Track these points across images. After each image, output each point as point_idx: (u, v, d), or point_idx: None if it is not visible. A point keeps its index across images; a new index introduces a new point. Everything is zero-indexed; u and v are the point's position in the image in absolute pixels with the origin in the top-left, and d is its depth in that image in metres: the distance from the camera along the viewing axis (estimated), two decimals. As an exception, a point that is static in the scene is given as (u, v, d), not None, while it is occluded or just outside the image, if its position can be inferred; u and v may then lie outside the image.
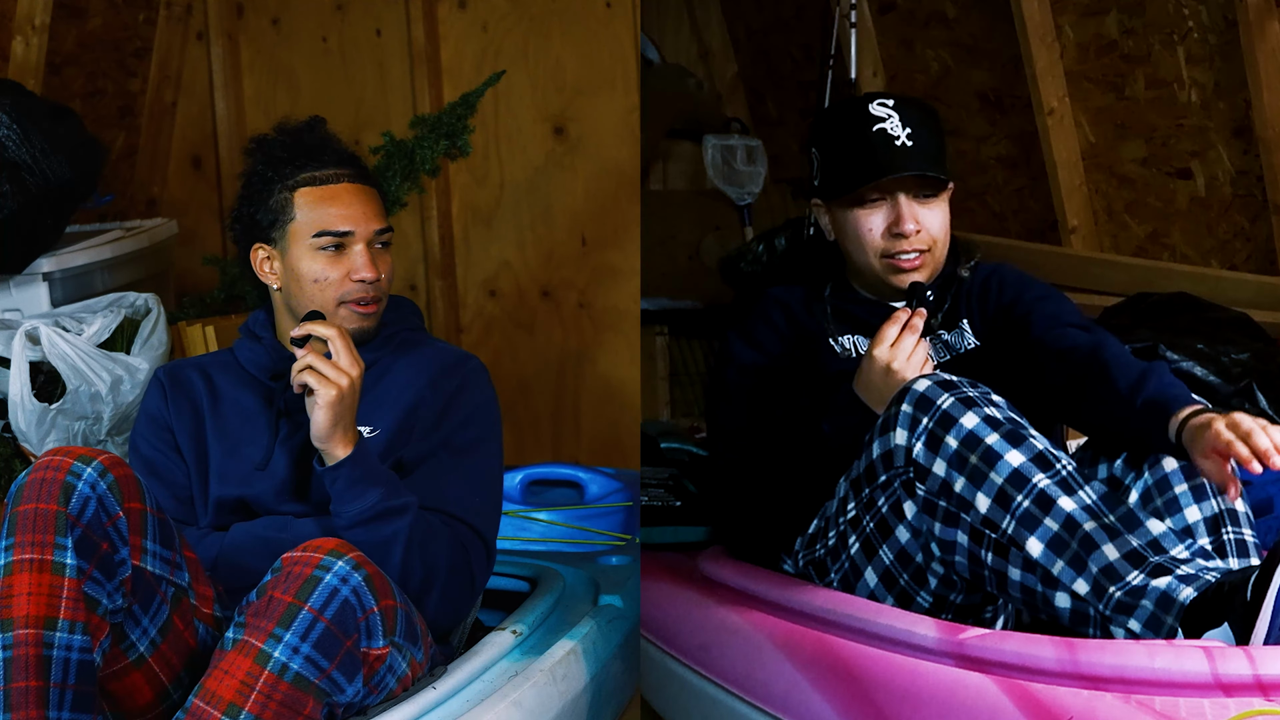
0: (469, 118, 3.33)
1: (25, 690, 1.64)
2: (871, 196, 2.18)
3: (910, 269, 2.18)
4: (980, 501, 1.89)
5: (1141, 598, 1.79)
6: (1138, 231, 3.77)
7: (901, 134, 2.15)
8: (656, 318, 4.06)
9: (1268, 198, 3.35)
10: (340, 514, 1.97)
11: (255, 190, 2.12)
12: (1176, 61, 3.48)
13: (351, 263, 2.08)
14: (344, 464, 1.96)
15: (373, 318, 2.11)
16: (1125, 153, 3.72)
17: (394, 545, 1.94)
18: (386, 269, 2.12)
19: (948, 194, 2.22)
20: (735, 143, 4.30)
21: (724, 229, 4.33)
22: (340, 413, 1.96)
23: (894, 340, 2.08)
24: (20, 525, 1.70)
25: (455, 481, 2.05)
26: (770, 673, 2.03)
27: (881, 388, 2.07)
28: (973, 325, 2.27)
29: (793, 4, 4.52)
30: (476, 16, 3.76)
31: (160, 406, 2.14)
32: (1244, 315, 3.13)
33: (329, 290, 2.07)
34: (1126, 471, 2.02)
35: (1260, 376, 2.95)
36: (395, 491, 1.97)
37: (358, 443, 1.98)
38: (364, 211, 2.09)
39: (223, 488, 2.08)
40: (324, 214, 2.08)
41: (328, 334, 1.99)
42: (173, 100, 3.96)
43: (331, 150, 2.13)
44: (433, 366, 2.14)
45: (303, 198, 2.09)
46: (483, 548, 2.06)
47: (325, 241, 2.07)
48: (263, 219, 2.10)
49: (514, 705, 1.94)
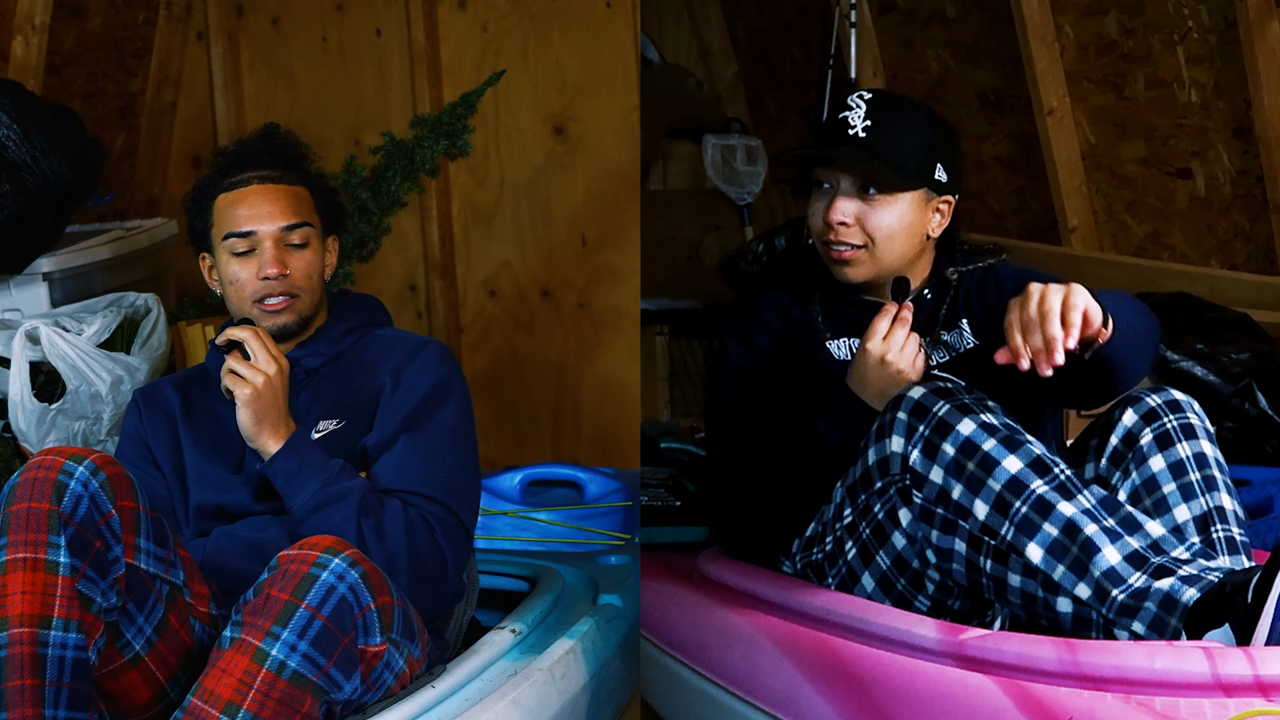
0: (469, 118, 3.33)
1: (21, 689, 1.64)
2: (821, 182, 2.18)
3: (840, 261, 2.18)
4: (978, 508, 1.88)
5: (1145, 600, 1.78)
6: (1138, 231, 3.77)
7: (859, 125, 2.14)
8: (656, 318, 4.06)
9: (1268, 198, 3.35)
10: (290, 509, 1.99)
11: (195, 201, 2.18)
12: (1176, 61, 3.48)
13: (260, 261, 2.10)
14: (277, 458, 2.00)
15: (285, 313, 2.12)
16: (1125, 153, 3.72)
17: (345, 531, 1.94)
18: (302, 265, 2.13)
19: (914, 196, 2.16)
20: (735, 143, 4.30)
21: (724, 229, 4.33)
22: (262, 409, 2.00)
23: (885, 333, 2.08)
24: (13, 525, 1.70)
25: (415, 460, 2.04)
26: (770, 673, 2.03)
27: (876, 381, 2.07)
28: (972, 325, 2.26)
29: (793, 4, 4.53)
30: (476, 16, 3.76)
31: (136, 425, 2.19)
32: (1244, 315, 3.13)
33: (244, 291, 2.11)
34: (1112, 471, 2.02)
35: (1260, 376, 2.95)
36: (335, 478, 1.98)
37: (291, 436, 2.01)
38: (269, 210, 2.12)
39: (201, 494, 2.10)
40: (231, 216, 2.12)
41: (242, 336, 2.05)
42: (173, 100, 3.96)
43: (264, 155, 2.17)
44: (391, 355, 2.15)
45: (219, 203, 2.14)
46: (453, 523, 2.03)
47: (233, 243, 2.11)
48: (199, 228, 2.17)
49: (513, 704, 1.94)
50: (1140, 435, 2.00)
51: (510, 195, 3.79)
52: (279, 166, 2.17)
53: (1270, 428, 2.92)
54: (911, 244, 2.19)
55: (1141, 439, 2.00)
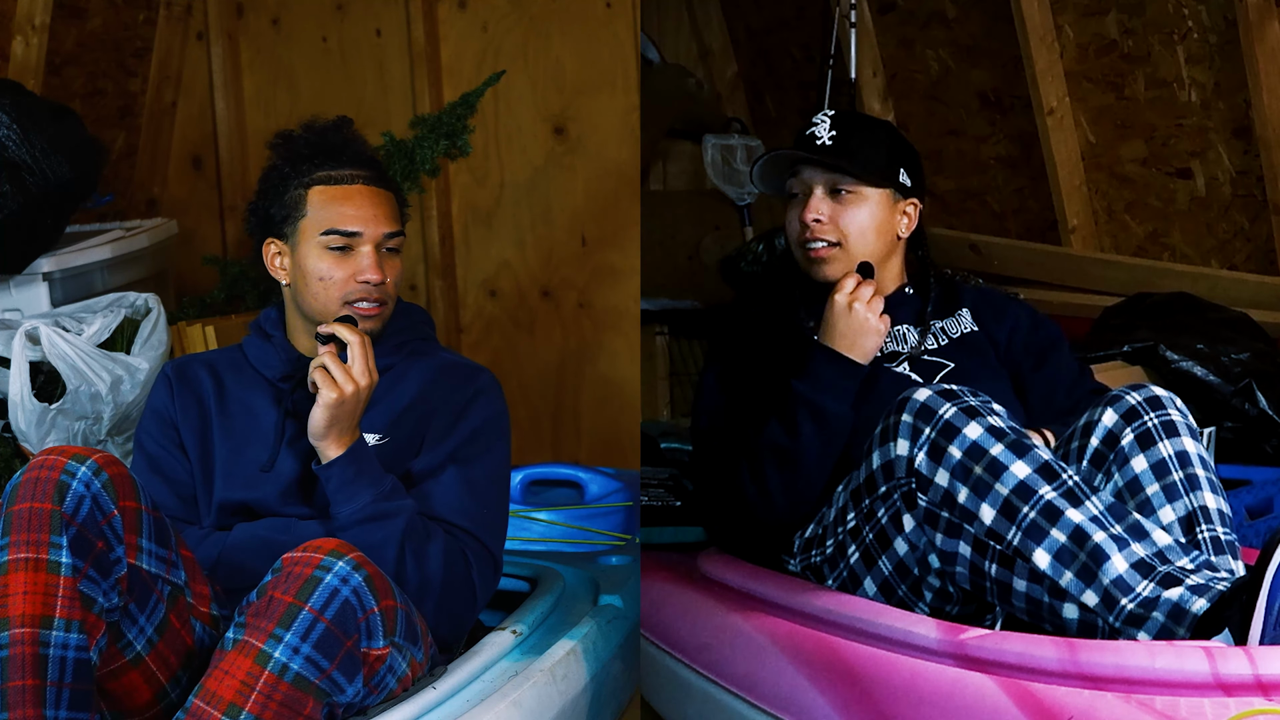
0: (469, 118, 3.33)
1: (22, 689, 1.64)
2: (794, 192, 2.30)
3: (818, 259, 2.26)
4: (985, 513, 1.88)
5: (1153, 609, 1.78)
6: (1138, 231, 3.77)
7: (825, 136, 2.27)
8: (656, 317, 4.06)
9: (1268, 198, 3.35)
10: (336, 515, 1.98)
11: (273, 185, 2.12)
12: (1176, 61, 3.48)
13: (357, 264, 2.07)
14: (336, 463, 1.97)
15: (375, 320, 2.10)
16: (1125, 153, 3.72)
17: (387, 548, 1.94)
18: (394, 273, 2.11)
19: (881, 195, 2.27)
20: (735, 143, 4.30)
21: (724, 229, 4.33)
22: (338, 415, 1.97)
23: (852, 289, 2.18)
24: (15, 525, 1.70)
25: (461, 493, 2.05)
26: (771, 673, 2.03)
27: (845, 330, 2.17)
28: (975, 316, 2.33)
29: (793, 4, 4.52)
30: (476, 16, 3.76)
31: (166, 403, 2.14)
32: (1244, 315, 3.13)
33: (333, 289, 2.07)
34: (1094, 473, 2.01)
35: (1260, 376, 2.95)
36: (389, 495, 1.98)
37: (354, 444, 1.99)
38: (375, 214, 2.09)
39: (227, 490, 2.08)
40: (334, 213, 2.08)
41: (350, 339, 2.01)
42: (173, 100, 3.96)
43: (352, 151, 2.14)
44: (445, 378, 2.14)
45: (316, 195, 2.09)
46: (488, 559, 2.06)
47: (333, 240, 2.07)
48: (276, 214, 2.11)
49: (514, 705, 1.94)
50: (1121, 435, 1.99)
51: (510, 195, 3.79)
52: (375, 168, 2.14)
53: (1270, 428, 2.92)
54: (882, 242, 2.28)
55: (1123, 439, 1.99)
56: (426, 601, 1.96)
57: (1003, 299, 2.42)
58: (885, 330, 2.19)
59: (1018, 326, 2.34)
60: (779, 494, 2.16)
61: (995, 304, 2.38)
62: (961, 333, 2.32)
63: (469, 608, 2.05)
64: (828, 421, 2.13)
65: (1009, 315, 2.36)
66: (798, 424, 2.14)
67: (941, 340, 2.31)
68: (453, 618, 2.02)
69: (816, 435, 2.13)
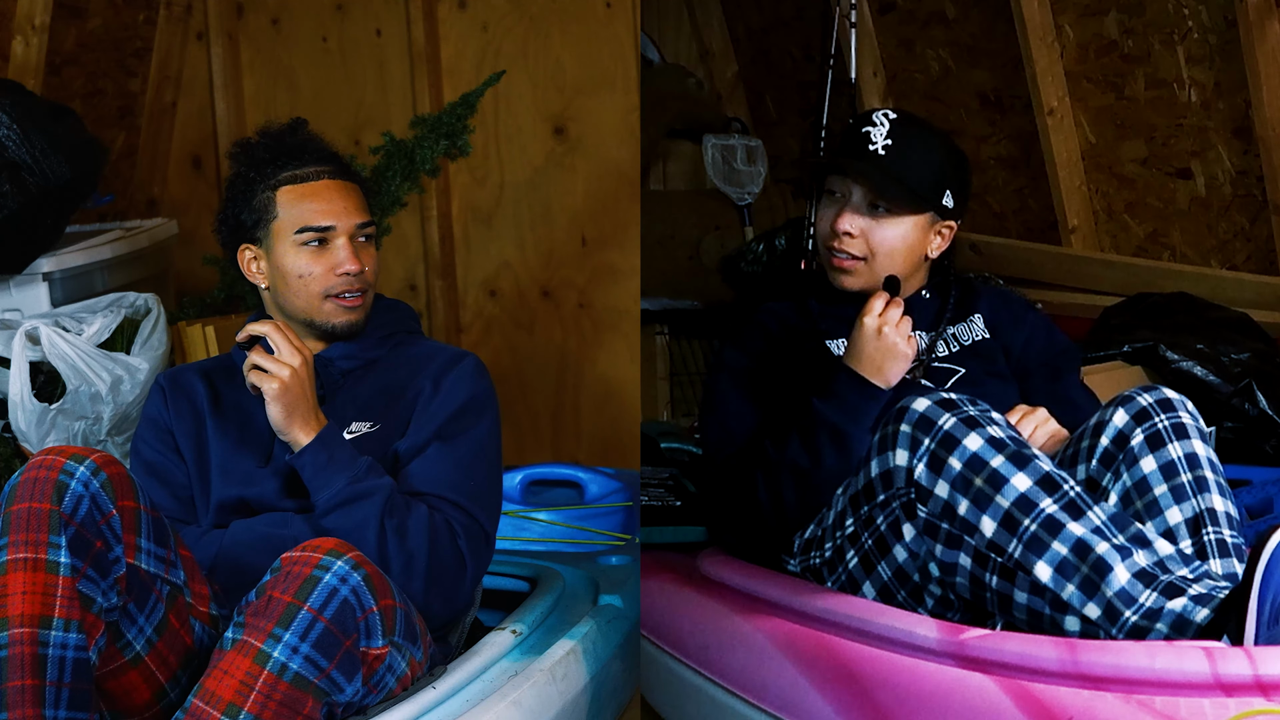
0: (469, 118, 3.33)
1: (21, 689, 1.64)
2: (832, 189, 2.26)
3: (840, 269, 2.24)
4: (985, 525, 1.87)
5: (1156, 620, 1.76)
6: (1138, 231, 3.77)
7: (880, 142, 2.21)
8: (656, 318, 4.05)
9: (1268, 198, 3.34)
10: (315, 502, 1.99)
11: (239, 191, 2.15)
12: (1176, 61, 3.48)
13: (334, 257, 2.10)
14: (307, 450, 1.99)
15: (359, 310, 2.13)
16: (1125, 153, 3.72)
17: (368, 528, 1.95)
18: (371, 261, 2.14)
19: (919, 218, 2.24)
20: (735, 143, 4.30)
21: (724, 229, 4.32)
22: (291, 402, 1.99)
23: (881, 310, 2.13)
24: (14, 525, 1.70)
25: (445, 467, 2.05)
26: (771, 673, 2.03)
27: (873, 354, 2.12)
28: (989, 321, 2.33)
29: (793, 4, 4.52)
30: (476, 16, 3.76)
31: (160, 410, 2.17)
32: (1244, 315, 3.13)
33: (314, 285, 2.10)
34: (1103, 473, 2.01)
35: (1260, 376, 2.95)
36: (363, 475, 1.98)
37: (323, 430, 2.00)
38: (345, 206, 2.12)
39: (225, 488, 2.09)
40: (305, 210, 2.11)
41: (263, 330, 2.04)
42: (173, 100, 3.96)
43: (312, 150, 2.17)
44: (429, 363, 2.16)
45: (284, 196, 2.12)
46: (476, 529, 2.04)
47: (307, 237, 2.10)
48: (247, 219, 2.13)
49: (514, 705, 1.94)
50: (1131, 436, 1.99)
51: (510, 195, 3.79)
52: (337, 163, 2.17)
53: (1270, 428, 2.92)
54: (909, 262, 2.26)
55: (1133, 440, 1.99)
56: (414, 578, 1.96)
57: (1021, 305, 2.41)
58: (913, 355, 2.14)
59: (1033, 337, 2.34)
60: (794, 509, 2.16)
61: (1012, 309, 2.37)
62: (974, 339, 2.31)
63: (458, 579, 2.02)
64: (848, 445, 2.12)
65: (1026, 324, 2.36)
66: (818, 446, 2.12)
67: (953, 346, 2.30)
68: (444, 591, 2.01)
69: (836, 458, 2.12)
